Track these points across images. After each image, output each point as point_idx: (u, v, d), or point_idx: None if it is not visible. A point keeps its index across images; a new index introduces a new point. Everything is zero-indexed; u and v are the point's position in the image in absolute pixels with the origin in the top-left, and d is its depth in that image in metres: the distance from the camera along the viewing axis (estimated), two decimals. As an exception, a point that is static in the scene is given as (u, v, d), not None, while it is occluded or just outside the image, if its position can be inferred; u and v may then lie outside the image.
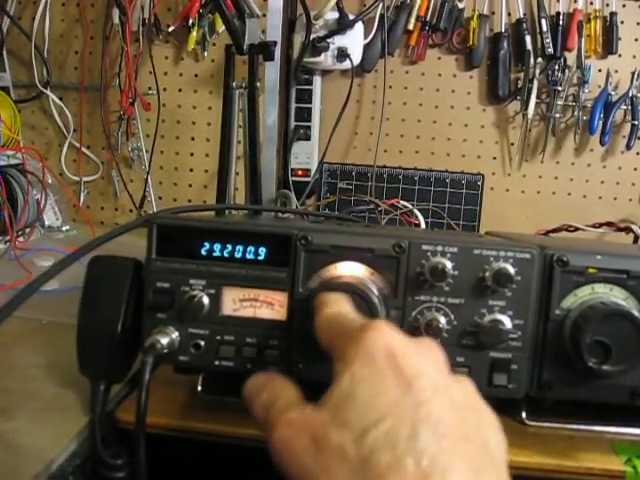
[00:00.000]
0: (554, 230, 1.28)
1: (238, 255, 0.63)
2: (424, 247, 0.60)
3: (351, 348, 0.44)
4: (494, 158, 1.65)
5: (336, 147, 1.64)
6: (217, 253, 0.63)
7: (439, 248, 0.60)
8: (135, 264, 0.67)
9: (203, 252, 0.63)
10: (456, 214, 1.64)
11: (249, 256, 0.63)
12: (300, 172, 1.62)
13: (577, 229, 1.29)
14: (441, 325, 0.60)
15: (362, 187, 1.64)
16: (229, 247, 0.63)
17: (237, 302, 0.63)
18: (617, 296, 0.62)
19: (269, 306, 0.62)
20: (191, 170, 1.71)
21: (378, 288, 0.60)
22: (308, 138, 1.61)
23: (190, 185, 1.72)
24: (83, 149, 1.70)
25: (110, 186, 1.73)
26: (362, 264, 0.61)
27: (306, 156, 1.62)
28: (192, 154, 1.70)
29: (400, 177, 1.65)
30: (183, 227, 0.64)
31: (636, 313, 0.59)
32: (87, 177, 1.72)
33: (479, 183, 1.64)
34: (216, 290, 0.63)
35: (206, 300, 0.63)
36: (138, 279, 0.66)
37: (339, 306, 0.53)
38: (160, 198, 1.71)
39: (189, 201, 1.71)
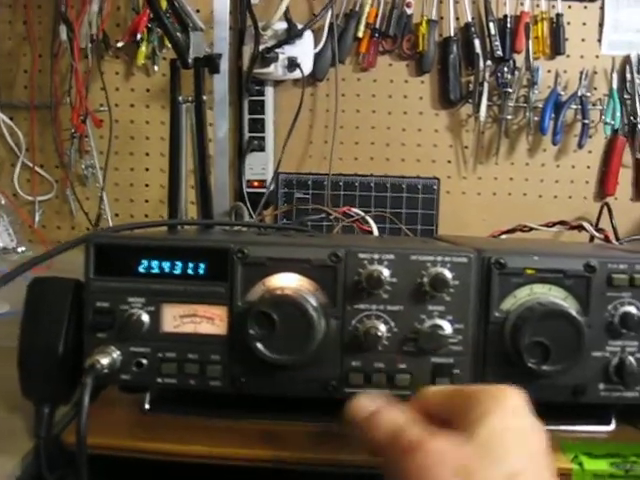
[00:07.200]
0: (509, 231, 1.29)
1: (176, 271, 0.62)
2: (361, 255, 0.60)
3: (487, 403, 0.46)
4: (449, 162, 1.66)
5: (291, 157, 1.64)
6: (155, 270, 0.63)
7: (375, 256, 0.60)
8: (76, 284, 0.66)
9: (141, 269, 0.63)
10: (413, 219, 1.64)
11: (187, 272, 0.62)
12: (256, 183, 1.62)
13: (531, 229, 1.30)
14: (380, 333, 0.60)
15: (319, 196, 1.64)
16: (167, 263, 0.62)
17: (177, 318, 0.63)
18: (556, 296, 0.62)
19: (209, 321, 0.62)
20: (147, 186, 1.70)
21: (317, 298, 0.60)
22: (262, 149, 1.61)
23: (147, 201, 1.71)
24: (36, 168, 1.68)
25: (65, 205, 1.71)
26: (300, 275, 0.61)
27: (261, 167, 1.62)
28: (147, 169, 1.69)
29: (356, 184, 1.65)
30: (120, 245, 0.64)
31: (573, 312, 0.60)
32: (41, 196, 1.70)
33: (435, 187, 1.65)
34: (155, 307, 0.62)
35: (146, 318, 0.62)
36: (79, 299, 0.65)
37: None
38: (117, 215, 1.70)
39: (146, 217, 1.70)
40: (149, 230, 0.85)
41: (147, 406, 0.72)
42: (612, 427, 0.70)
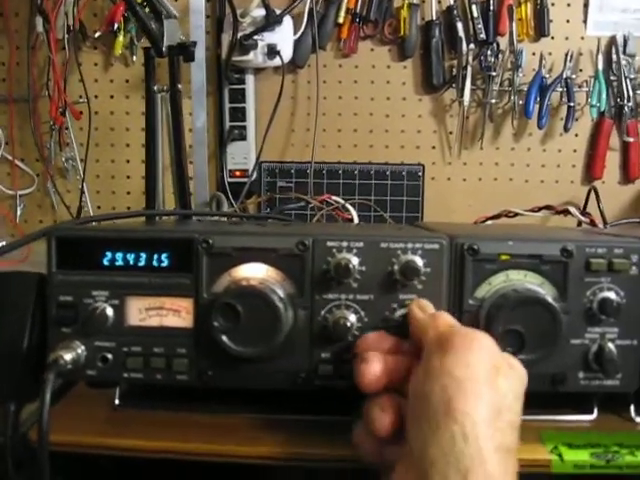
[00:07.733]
0: (494, 217, 1.27)
1: (140, 263, 0.61)
2: (329, 244, 0.59)
3: None
4: (433, 147, 1.64)
5: (273, 145, 1.62)
6: (119, 262, 0.61)
7: (344, 244, 0.58)
8: (40, 278, 0.64)
9: (105, 262, 0.61)
10: (399, 206, 1.62)
11: (152, 264, 0.60)
12: (238, 173, 1.59)
13: (516, 214, 1.28)
14: (350, 323, 0.58)
15: (302, 184, 1.62)
16: (131, 255, 0.61)
17: (143, 311, 0.61)
18: (532, 282, 0.60)
19: (176, 314, 0.61)
20: (128, 177, 1.68)
21: (284, 289, 0.58)
22: (244, 138, 1.59)
23: (128, 192, 1.68)
24: (16, 162, 1.65)
25: (47, 198, 1.68)
26: (266, 265, 0.59)
27: (243, 156, 1.59)
28: (128, 161, 1.67)
29: (340, 172, 1.63)
30: (82, 238, 0.62)
31: (549, 299, 0.58)
32: (22, 190, 1.67)
33: (419, 174, 1.63)
34: (120, 300, 0.61)
35: (110, 311, 0.61)
36: (43, 294, 0.63)
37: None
38: (99, 207, 1.67)
39: (128, 208, 1.68)
40: (120, 221, 0.83)
41: (117, 402, 0.70)
42: (594, 416, 0.69)
